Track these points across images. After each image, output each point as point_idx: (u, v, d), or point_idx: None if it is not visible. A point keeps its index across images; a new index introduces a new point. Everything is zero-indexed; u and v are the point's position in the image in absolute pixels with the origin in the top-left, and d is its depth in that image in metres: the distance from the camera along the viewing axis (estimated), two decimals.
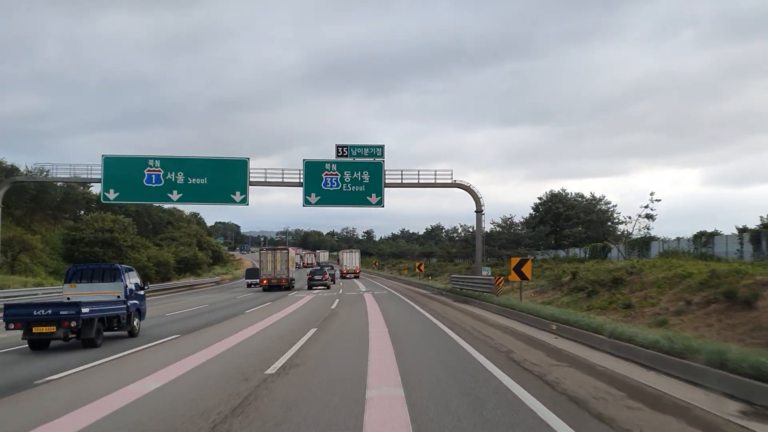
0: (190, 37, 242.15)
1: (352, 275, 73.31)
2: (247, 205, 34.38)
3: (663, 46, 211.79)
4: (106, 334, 15.35)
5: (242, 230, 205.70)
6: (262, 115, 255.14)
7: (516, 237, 49.65)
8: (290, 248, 59.52)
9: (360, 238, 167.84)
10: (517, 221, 59.42)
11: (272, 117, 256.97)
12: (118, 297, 16.20)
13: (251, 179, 34.63)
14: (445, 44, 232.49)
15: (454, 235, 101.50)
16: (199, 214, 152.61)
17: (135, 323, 16.79)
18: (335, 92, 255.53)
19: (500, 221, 58.75)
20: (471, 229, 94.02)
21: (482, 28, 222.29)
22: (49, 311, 13.50)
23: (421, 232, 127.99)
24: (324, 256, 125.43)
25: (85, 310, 13.78)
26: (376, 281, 64.36)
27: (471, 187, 35.29)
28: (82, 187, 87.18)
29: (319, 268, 57.87)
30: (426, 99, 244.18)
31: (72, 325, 13.50)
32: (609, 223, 71.81)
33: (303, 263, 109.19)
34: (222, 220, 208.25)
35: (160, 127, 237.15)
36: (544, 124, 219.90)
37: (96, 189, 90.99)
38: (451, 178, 34.96)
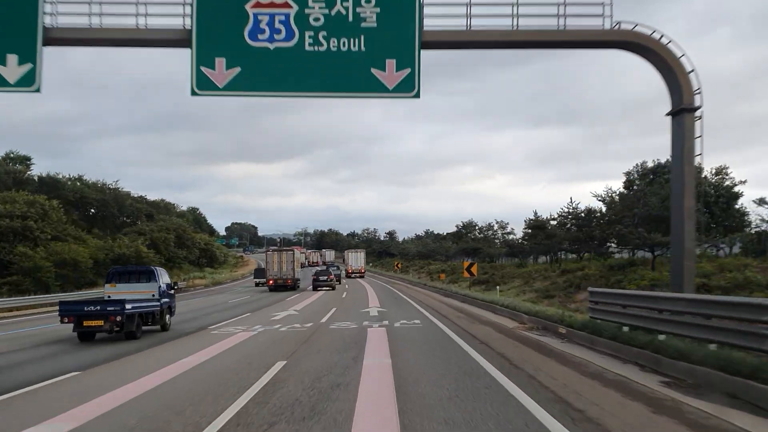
0: None
1: (357, 275, 72.21)
2: (36, 89, 12.37)
3: (699, 44, 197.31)
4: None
5: (259, 231, 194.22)
6: (287, 118, 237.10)
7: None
8: (295, 248, 57.32)
9: (382, 239, 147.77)
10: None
11: (298, 119, 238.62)
12: (153, 296, 17.77)
13: (50, 22, 12.63)
14: None
15: (489, 233, 79.67)
16: (198, 209, 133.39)
17: (167, 319, 18.59)
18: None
19: (603, 194, 36.41)
20: (511, 226, 71.49)
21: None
22: (98, 307, 15.44)
23: (447, 233, 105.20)
24: (330, 255, 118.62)
25: (128, 306, 15.46)
26: (396, 289, 42.87)
27: (662, 40, 12.61)
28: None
29: (323, 268, 55.37)
30: (454, 100, 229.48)
31: (117, 319, 15.24)
32: None
33: (308, 262, 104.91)
34: (239, 221, 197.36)
35: (187, 130, 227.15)
36: (573, 125, 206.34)
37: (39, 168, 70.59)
38: (604, 19, 12.19)
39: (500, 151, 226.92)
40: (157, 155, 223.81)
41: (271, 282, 46.35)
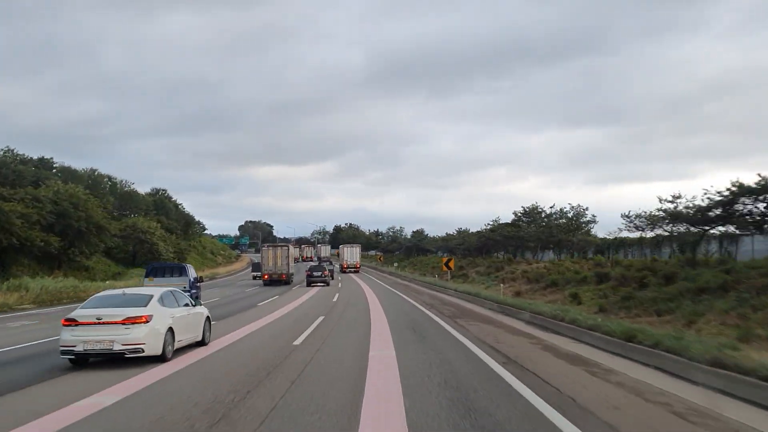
0: (252, 39, 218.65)
1: (352, 270, 72.52)
2: None
3: (748, 39, 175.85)
4: None
5: (276, 230, 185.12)
6: (319, 119, 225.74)
7: None
8: (289, 245, 57.49)
9: (409, 236, 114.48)
10: None
11: (330, 120, 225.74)
12: (185, 288, 21.36)
13: None
14: (514, 41, 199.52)
15: (555, 216, 55.44)
16: (165, 191, 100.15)
17: None
18: (396, 93, 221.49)
19: None
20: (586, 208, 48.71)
21: (553, 23, 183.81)
22: None
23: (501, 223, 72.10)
24: (325, 250, 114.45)
25: None
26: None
27: None
28: None
29: (317, 264, 56.94)
30: (490, 99, 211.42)
31: None
32: None
33: (302, 257, 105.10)
34: (253, 219, 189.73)
35: (217, 131, 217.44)
36: (611, 125, 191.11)
37: None
38: None
39: (535, 151, 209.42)
40: (186, 157, 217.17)
41: (266, 276, 47.33)
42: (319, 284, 43.73)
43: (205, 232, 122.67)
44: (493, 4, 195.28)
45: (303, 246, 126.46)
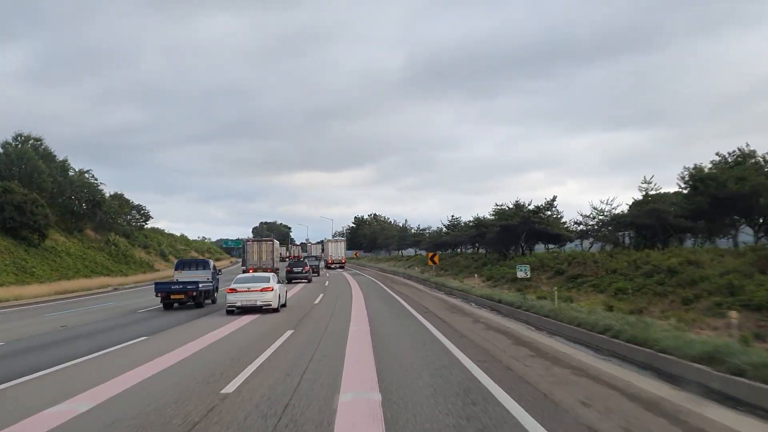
0: (289, 43, 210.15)
1: (338, 265, 74.34)
2: None
3: None
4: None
5: (294, 233, 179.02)
6: (356, 124, 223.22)
7: None
8: (274, 240, 55.13)
9: (489, 217, 55.45)
10: None
11: (366, 125, 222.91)
12: (208, 279, 26.48)
13: None
14: (558, 40, 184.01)
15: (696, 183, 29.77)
16: (40, 140, 59.41)
17: (215, 295, 27.62)
18: (434, 97, 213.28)
19: None
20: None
21: (599, 21, 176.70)
22: (181, 286, 24.52)
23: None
24: (316, 249, 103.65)
25: (200, 285, 24.73)
26: None
27: None
28: None
29: (298, 260, 56.55)
30: (531, 100, 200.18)
31: (193, 294, 24.44)
32: None
33: (289, 255, 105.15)
34: (267, 220, 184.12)
35: (254, 138, 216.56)
36: (655, 126, 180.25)
37: None
38: None
39: (575, 155, 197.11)
40: (222, 164, 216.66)
41: (251, 270, 46.77)
42: (301, 281, 45.14)
43: (151, 222, 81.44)
44: (538, 2, 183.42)
45: (291, 245, 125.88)
